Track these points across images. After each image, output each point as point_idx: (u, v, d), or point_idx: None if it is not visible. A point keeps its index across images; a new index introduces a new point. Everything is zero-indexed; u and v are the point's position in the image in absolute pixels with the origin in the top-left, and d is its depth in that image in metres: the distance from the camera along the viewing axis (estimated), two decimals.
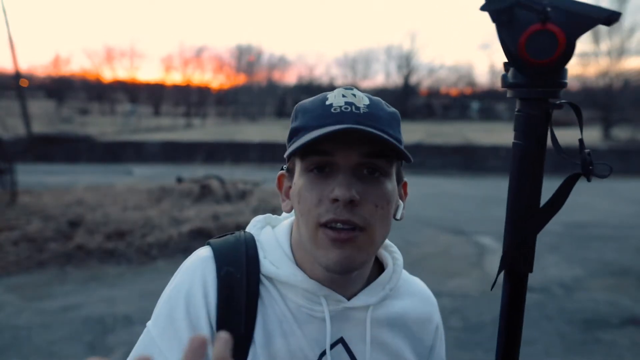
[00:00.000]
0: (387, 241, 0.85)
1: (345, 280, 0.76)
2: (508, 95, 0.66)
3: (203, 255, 0.78)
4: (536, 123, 0.63)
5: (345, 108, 0.71)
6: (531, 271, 0.67)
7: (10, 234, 6.37)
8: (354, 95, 0.73)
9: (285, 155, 0.75)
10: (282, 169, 0.81)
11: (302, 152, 0.71)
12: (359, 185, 0.69)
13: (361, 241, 0.70)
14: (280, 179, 0.81)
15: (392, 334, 0.82)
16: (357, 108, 0.71)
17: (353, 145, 0.69)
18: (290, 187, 0.77)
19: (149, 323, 0.75)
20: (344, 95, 0.73)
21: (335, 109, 0.71)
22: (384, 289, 0.80)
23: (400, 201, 0.79)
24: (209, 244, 0.81)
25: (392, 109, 0.77)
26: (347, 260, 0.69)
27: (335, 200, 0.68)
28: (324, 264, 0.71)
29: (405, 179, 0.82)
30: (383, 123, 0.72)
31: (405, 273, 0.88)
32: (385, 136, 0.69)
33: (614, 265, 5.87)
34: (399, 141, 0.74)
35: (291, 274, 0.76)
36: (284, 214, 0.86)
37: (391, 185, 0.73)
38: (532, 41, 0.58)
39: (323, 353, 0.75)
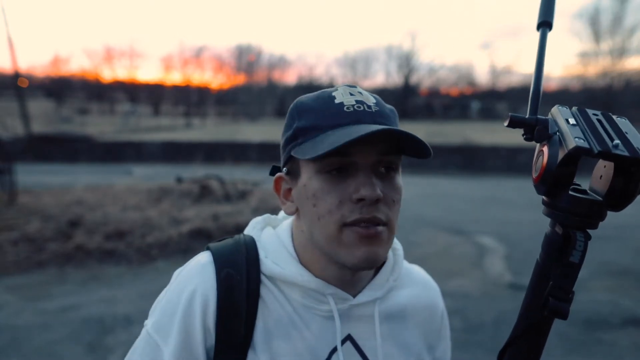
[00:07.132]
0: None
1: (355, 279, 0.77)
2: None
3: (203, 261, 0.77)
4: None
5: (358, 107, 0.70)
6: None
7: (9, 234, 6.36)
8: (360, 93, 0.73)
9: (306, 158, 0.68)
10: (279, 171, 0.78)
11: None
12: (380, 183, 0.69)
13: (385, 236, 0.70)
14: (278, 181, 0.78)
15: (400, 325, 0.81)
16: (369, 107, 0.71)
17: (372, 144, 0.68)
18: (290, 189, 0.76)
19: (149, 328, 0.73)
20: (351, 94, 0.72)
21: (348, 108, 0.70)
22: (387, 281, 0.80)
23: None
24: (208, 248, 0.80)
25: (391, 106, 0.77)
26: (374, 256, 0.69)
27: (360, 199, 0.67)
28: (349, 263, 0.70)
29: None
30: (391, 120, 0.72)
31: (405, 262, 0.88)
32: (413, 134, 0.67)
33: (614, 266, 5.86)
34: None
35: (297, 273, 0.75)
36: (281, 213, 0.85)
37: (401, 180, 0.74)
38: None
39: (332, 352, 0.74)
